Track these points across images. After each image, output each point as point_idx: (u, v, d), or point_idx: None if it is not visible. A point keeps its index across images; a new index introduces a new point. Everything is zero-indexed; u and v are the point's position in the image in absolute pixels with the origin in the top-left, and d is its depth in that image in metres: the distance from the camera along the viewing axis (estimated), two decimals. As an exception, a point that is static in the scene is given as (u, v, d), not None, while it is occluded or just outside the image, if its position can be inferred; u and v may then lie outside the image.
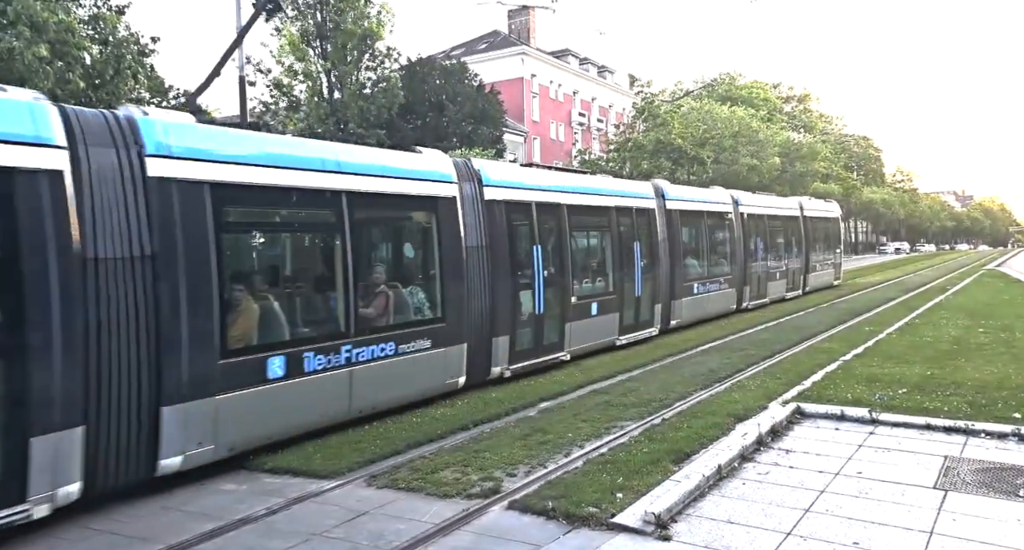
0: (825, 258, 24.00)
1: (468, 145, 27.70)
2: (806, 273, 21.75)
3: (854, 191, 66.39)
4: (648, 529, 4.55)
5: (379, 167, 7.78)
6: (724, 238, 16.78)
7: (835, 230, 25.54)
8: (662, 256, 13.40)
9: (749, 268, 17.44)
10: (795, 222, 21.11)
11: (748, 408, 7.38)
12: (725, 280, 16.25)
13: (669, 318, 13.73)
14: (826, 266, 24.00)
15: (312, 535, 4.74)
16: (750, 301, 17.48)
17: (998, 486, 5.19)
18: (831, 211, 25.64)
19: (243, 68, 16.26)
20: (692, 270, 14.93)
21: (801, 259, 21.30)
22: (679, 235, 14.33)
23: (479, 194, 9.12)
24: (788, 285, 20.17)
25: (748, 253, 17.40)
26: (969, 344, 11.21)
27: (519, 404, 8.10)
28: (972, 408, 7.08)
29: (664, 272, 13.44)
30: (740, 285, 16.99)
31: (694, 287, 14.71)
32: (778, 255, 19.61)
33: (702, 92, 46.72)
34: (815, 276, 22.53)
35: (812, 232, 22.44)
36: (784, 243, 20.11)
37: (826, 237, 24.39)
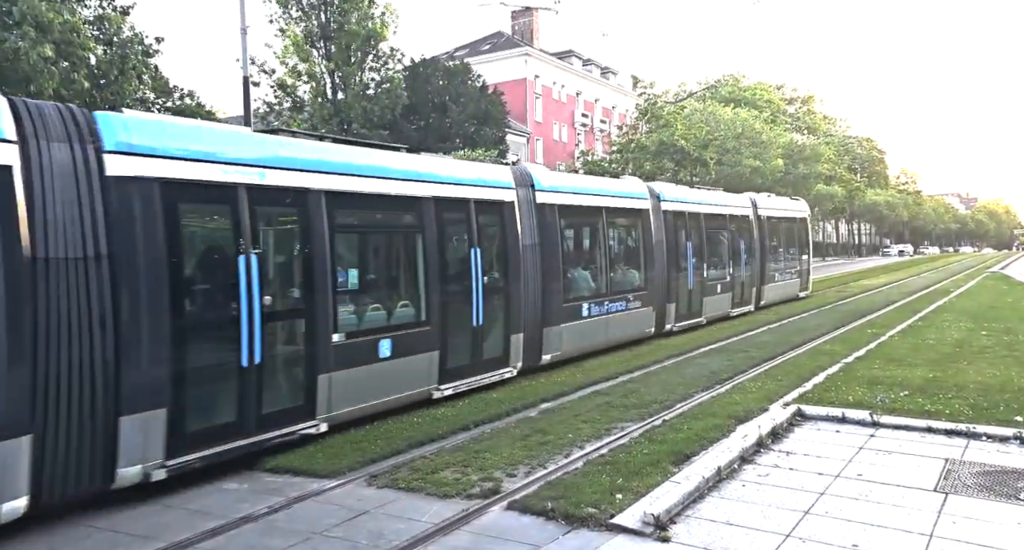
0: (787, 266, 20.43)
1: (471, 146, 27.74)
2: (761, 284, 18.27)
3: (857, 193, 66.31)
4: (647, 530, 4.56)
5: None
6: (635, 243, 13.23)
7: (801, 233, 21.89)
8: (525, 268, 9.67)
9: (675, 280, 13.83)
10: (746, 223, 17.69)
11: (749, 410, 7.38)
12: (636, 297, 12.51)
13: (540, 351, 10.12)
14: (788, 275, 20.40)
15: (312, 534, 4.76)
16: (676, 322, 13.83)
17: (999, 489, 5.18)
18: (796, 210, 22.06)
19: (247, 68, 16.33)
20: (578, 285, 11.39)
21: (753, 267, 17.77)
22: (556, 237, 10.45)
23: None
24: (734, 299, 16.61)
25: (674, 261, 13.87)
26: (972, 347, 11.19)
27: (520, 404, 8.11)
28: (974, 411, 7.07)
29: (530, 289, 9.80)
30: (661, 302, 13.33)
31: (582, 308, 11.05)
32: (720, 263, 16.20)
33: (705, 93, 46.68)
34: (773, 288, 19.06)
35: (769, 235, 19.06)
36: (729, 248, 16.59)
37: (789, 241, 20.92)
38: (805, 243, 22.17)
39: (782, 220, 20.46)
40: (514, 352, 9.42)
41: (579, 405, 8.13)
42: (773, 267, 19.26)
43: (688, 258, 14.48)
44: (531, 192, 10.17)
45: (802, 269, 21.71)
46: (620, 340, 12.10)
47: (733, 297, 16.58)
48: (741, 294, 17.05)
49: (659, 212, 13.56)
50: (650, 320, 13.04)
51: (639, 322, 12.70)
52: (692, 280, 14.57)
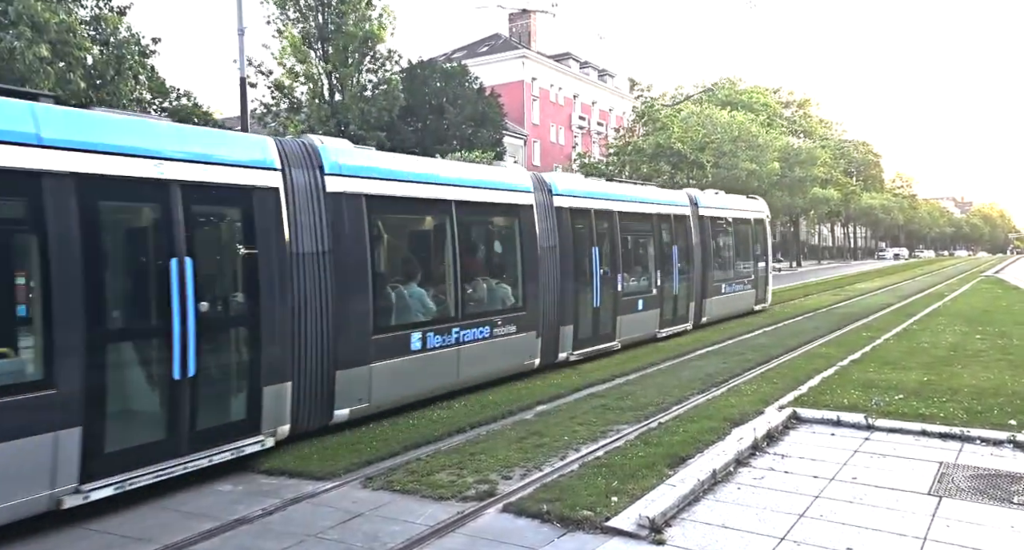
0: (738, 275, 17.47)
1: (468, 148, 27.77)
2: (702, 297, 15.34)
3: (853, 196, 66.53)
4: (642, 533, 4.56)
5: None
6: (509, 249, 10.16)
7: (757, 236, 18.80)
8: (298, 286, 6.74)
9: (573, 296, 10.83)
10: (682, 224, 14.54)
11: (744, 413, 7.39)
12: (508, 319, 9.40)
13: (330, 406, 7.14)
14: (740, 286, 17.36)
15: (307, 536, 4.75)
16: (575, 349, 10.89)
17: (992, 493, 5.21)
18: (751, 210, 18.82)
19: (244, 69, 16.31)
20: (405, 307, 8.23)
21: (692, 278, 14.74)
22: (356, 240, 7.35)
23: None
24: (664, 317, 13.58)
25: (573, 272, 10.78)
26: (966, 350, 11.23)
27: (516, 407, 8.11)
28: (968, 414, 7.10)
29: (308, 319, 6.85)
30: (551, 325, 10.31)
31: (411, 339, 7.96)
32: (643, 273, 13.29)
33: (702, 96, 46.79)
34: (719, 302, 16.11)
35: (714, 238, 16.12)
36: (658, 255, 13.64)
37: (741, 246, 17.98)
38: (763, 248, 18.99)
39: (732, 221, 17.36)
40: (271, 412, 6.31)
41: (575, 407, 8.14)
42: (719, 277, 16.26)
43: (594, 267, 11.31)
44: (316, 175, 7.10)
45: (758, 278, 18.43)
46: (483, 378, 9.04)
47: (662, 314, 13.52)
48: (673, 311, 14.07)
49: (549, 209, 10.42)
50: (531, 348, 9.86)
51: (513, 352, 9.53)
52: (599, 295, 11.44)
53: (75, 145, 5.12)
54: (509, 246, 10.23)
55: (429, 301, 8.56)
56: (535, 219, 10.12)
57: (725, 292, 16.58)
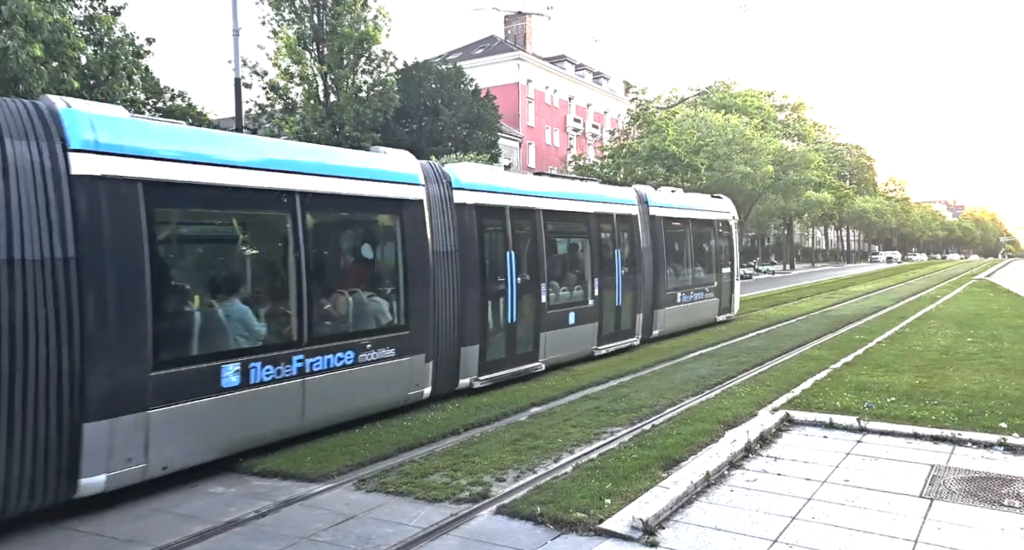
0: (698, 283, 15.64)
1: (463, 150, 27.77)
2: (653, 308, 13.62)
3: (847, 200, 66.88)
4: (635, 535, 4.57)
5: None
6: (383, 256, 8.45)
7: (722, 239, 16.93)
8: None
9: (477, 311, 9.03)
10: (628, 225, 12.82)
11: (738, 415, 7.41)
12: (382, 342, 7.61)
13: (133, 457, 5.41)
14: (698, 295, 15.54)
15: (300, 538, 4.74)
16: (481, 374, 9.12)
17: (983, 495, 5.23)
18: (715, 211, 16.90)
19: (239, 70, 16.28)
20: (225, 332, 6.41)
21: (640, 286, 13.02)
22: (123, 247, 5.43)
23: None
24: (604, 332, 11.81)
25: (477, 282, 9.06)
26: (958, 353, 11.29)
27: (510, 409, 8.12)
28: (959, 417, 7.13)
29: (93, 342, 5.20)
30: (448, 347, 8.62)
31: (224, 372, 6.05)
32: (576, 281, 11.53)
33: (697, 99, 46.94)
34: (673, 313, 14.29)
35: (669, 242, 14.35)
36: (595, 260, 11.73)
37: (702, 250, 16.25)
38: (727, 253, 17.17)
39: (692, 223, 15.54)
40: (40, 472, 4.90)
41: (569, 410, 8.14)
42: (675, 285, 14.55)
43: (509, 276, 9.57)
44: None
45: (721, 286, 16.62)
46: (345, 416, 7.23)
47: (601, 329, 11.75)
48: (616, 324, 12.28)
49: (447, 205, 8.73)
50: (418, 375, 8.07)
51: (389, 382, 7.68)
52: (516, 308, 9.66)
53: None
54: (387, 250, 8.36)
55: (255, 321, 6.54)
56: (426, 217, 8.29)
57: (682, 302, 14.75)
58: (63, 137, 5.16)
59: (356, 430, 7.23)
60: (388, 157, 8.39)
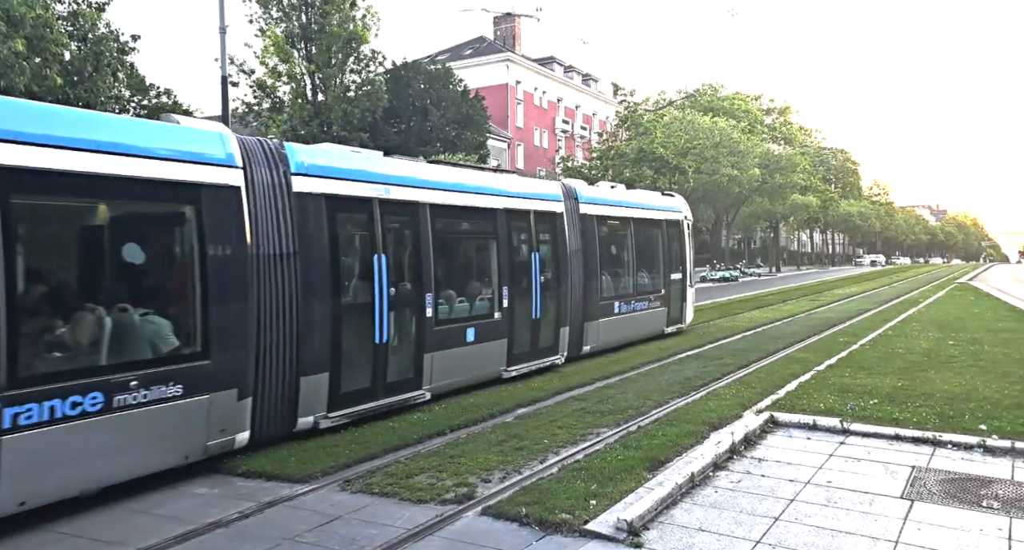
0: (641, 291, 13.65)
1: (452, 150, 27.75)
2: (584, 320, 11.77)
3: (832, 203, 67.52)
4: (620, 536, 4.58)
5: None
6: (178, 261, 6.43)
7: (672, 242, 14.90)
8: None
9: (320, 331, 7.13)
10: (549, 225, 11.00)
11: (723, 416, 7.46)
12: (166, 378, 5.67)
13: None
14: (641, 304, 13.57)
15: (284, 539, 4.71)
16: (328, 411, 7.21)
17: (962, 496, 5.30)
18: (662, 209, 14.84)
19: (226, 68, 16.16)
20: None
21: (565, 295, 11.18)
22: None
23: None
24: (515, 350, 10.03)
25: (317, 292, 7.09)
26: (939, 356, 11.42)
27: (496, 410, 8.11)
28: (940, 419, 7.21)
29: None
30: (282, 380, 6.78)
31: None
32: (478, 291, 9.71)
33: (685, 102, 47.20)
34: (609, 325, 12.45)
35: (604, 244, 12.61)
36: (504, 265, 9.89)
37: (646, 254, 14.19)
38: (678, 256, 15.11)
39: (633, 222, 13.57)
40: None
41: (555, 411, 8.15)
42: (611, 293, 12.77)
43: (379, 285, 7.66)
44: None
45: (670, 294, 14.61)
46: (87, 486, 5.30)
47: (512, 346, 9.93)
48: (532, 340, 10.43)
49: (279, 195, 6.83)
50: (222, 419, 6.15)
51: (168, 431, 5.73)
52: (388, 325, 7.76)
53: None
54: (175, 253, 6.39)
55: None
56: (244, 209, 6.35)
57: (620, 312, 12.85)
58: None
59: (341, 432, 7.20)
60: (184, 130, 6.29)
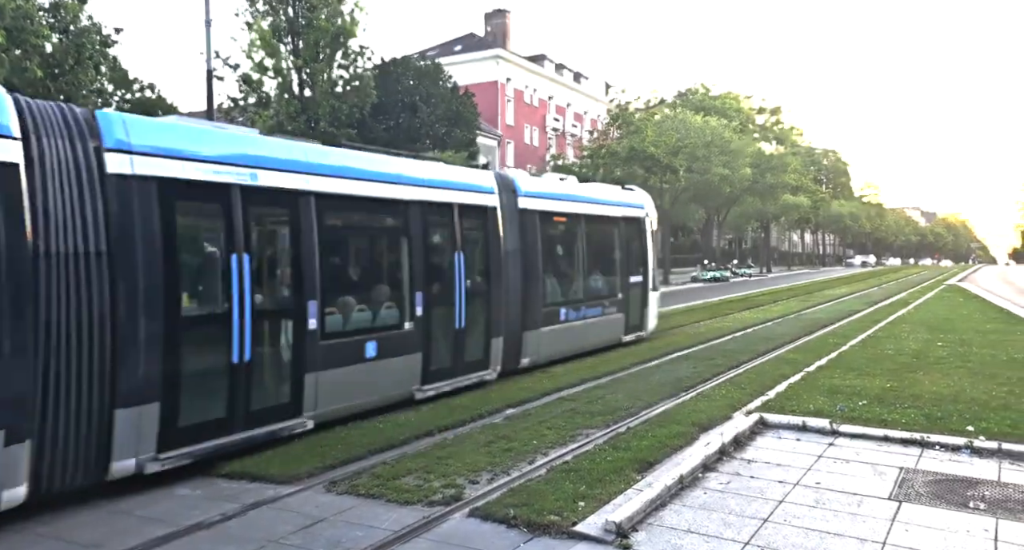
0: (592, 297, 12.34)
1: (441, 147, 27.62)
2: (523, 329, 10.40)
3: (823, 204, 67.91)
4: (608, 538, 4.54)
5: None
6: None
7: (632, 241, 13.54)
8: None
9: (148, 352, 5.59)
10: (479, 221, 9.66)
11: (712, 418, 7.43)
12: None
13: None
14: (594, 311, 12.20)
15: (267, 541, 4.64)
16: (157, 452, 5.68)
17: (950, 497, 5.30)
18: (621, 206, 13.47)
19: (211, 62, 15.98)
20: None
21: (499, 303, 9.85)
22: None
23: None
24: (433, 366, 8.72)
25: (143, 303, 5.57)
26: (928, 358, 11.46)
27: (485, 411, 8.05)
28: (928, 420, 7.23)
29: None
30: (82, 420, 5.21)
31: None
32: (383, 298, 8.37)
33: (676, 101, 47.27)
34: (555, 335, 11.06)
35: (548, 244, 11.19)
36: (419, 268, 8.58)
37: (601, 255, 12.97)
38: (639, 258, 13.74)
39: (585, 219, 12.18)
40: None
41: (545, 411, 8.10)
42: (557, 299, 11.41)
43: (238, 292, 6.30)
44: None
45: (629, 299, 13.21)
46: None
47: (428, 361, 8.55)
48: (455, 354, 9.07)
49: (78, 176, 5.39)
50: None
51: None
52: (250, 340, 6.39)
53: None
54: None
55: None
56: (21, 194, 4.98)
57: (567, 320, 11.45)
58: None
59: (327, 432, 7.12)
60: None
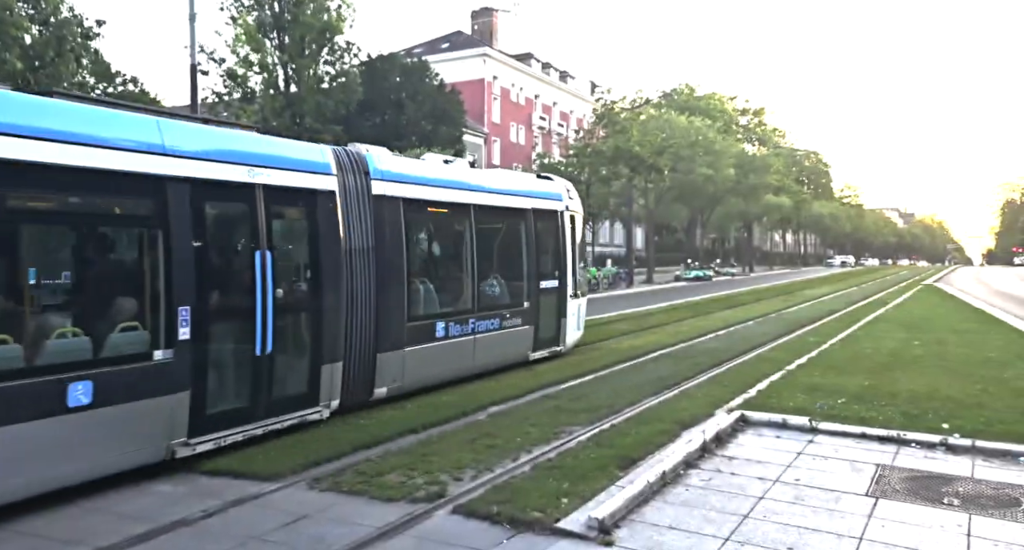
0: (488, 305, 10.11)
1: (427, 145, 27.54)
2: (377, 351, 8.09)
3: (804, 204, 68.61)
4: (591, 534, 4.58)
5: None
6: None
7: (544, 237, 11.26)
8: None
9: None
10: (301, 208, 7.45)
11: (695, 415, 7.51)
12: None
13: None
14: (488, 324, 9.93)
15: (249, 538, 4.62)
16: None
17: (924, 493, 5.40)
18: (528, 195, 11.09)
19: (195, 56, 15.81)
20: None
21: (336, 316, 7.49)
22: None
23: None
24: (211, 409, 6.19)
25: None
26: (905, 356, 11.65)
27: (469, 408, 8.06)
28: (905, 418, 7.35)
29: None
30: None
31: None
32: (115, 318, 5.65)
33: (661, 101, 47.50)
34: (426, 356, 8.76)
35: (413, 240, 9.04)
36: (187, 273, 5.98)
37: (496, 254, 10.64)
38: (556, 258, 11.51)
39: (474, 210, 9.73)
40: None
41: (528, 409, 8.13)
42: (431, 309, 9.10)
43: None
44: None
45: (540, 307, 10.99)
46: None
47: (201, 403, 6.14)
48: (253, 390, 6.65)
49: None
50: None
51: None
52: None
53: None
54: None
55: None
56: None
57: (448, 336, 9.07)
58: None
59: (310, 429, 7.09)
60: None
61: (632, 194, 39.83)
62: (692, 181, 42.36)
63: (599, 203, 37.12)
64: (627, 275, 38.25)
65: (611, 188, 36.83)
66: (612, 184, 36.20)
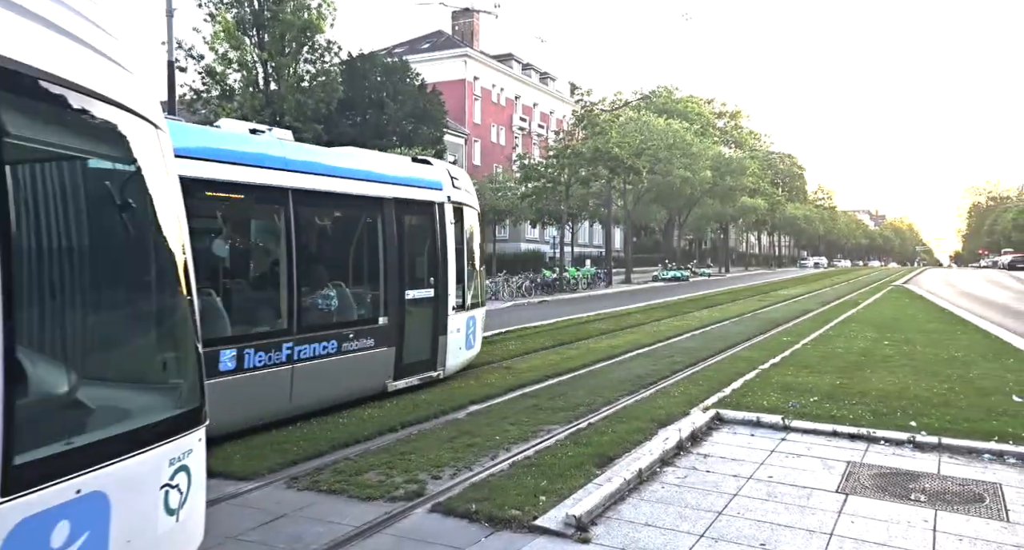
0: (326, 323, 8.01)
1: (408, 144, 27.47)
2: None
3: (779, 206, 69.57)
4: (568, 531, 4.64)
5: None
6: None
7: (415, 236, 9.51)
8: None
9: None
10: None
11: (671, 413, 7.62)
12: None
13: None
14: (325, 345, 7.71)
15: (227, 538, 4.60)
16: None
17: (893, 490, 5.55)
18: (395, 182, 8.94)
19: (173, 53, 15.62)
20: None
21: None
22: None
23: None
24: None
25: None
26: (875, 356, 11.90)
27: (448, 406, 8.10)
28: (874, 416, 7.53)
29: None
30: None
31: None
32: None
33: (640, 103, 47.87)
34: (216, 393, 4.01)
35: (202, 236, 6.53)
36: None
37: (342, 255, 8.88)
38: (431, 261, 9.63)
39: (293, 196, 7.39)
40: None
41: (507, 407, 8.18)
42: (219, 329, 6.65)
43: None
44: None
45: (406, 323, 9.02)
46: None
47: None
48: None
49: None
50: None
51: None
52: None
53: None
54: None
55: None
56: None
57: (246, 368, 6.82)
58: None
59: (290, 427, 7.07)
60: None
61: (611, 195, 40.10)
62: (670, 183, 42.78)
63: (579, 204, 37.32)
64: (606, 275, 38.61)
65: (590, 189, 37.05)
66: (591, 185, 36.40)
